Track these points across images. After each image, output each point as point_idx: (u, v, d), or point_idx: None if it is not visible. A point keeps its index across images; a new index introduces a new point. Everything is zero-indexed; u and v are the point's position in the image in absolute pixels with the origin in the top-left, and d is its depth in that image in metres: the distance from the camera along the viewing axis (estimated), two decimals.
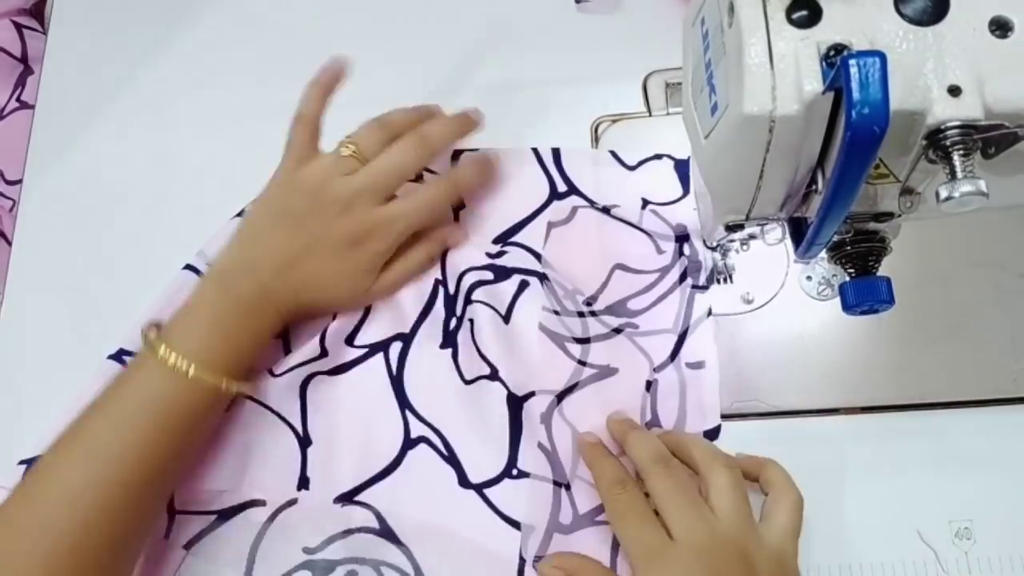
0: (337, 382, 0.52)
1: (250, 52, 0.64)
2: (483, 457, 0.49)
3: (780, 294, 0.53)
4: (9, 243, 0.62)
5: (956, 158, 0.31)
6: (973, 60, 0.32)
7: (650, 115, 0.58)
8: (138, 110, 0.64)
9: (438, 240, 0.54)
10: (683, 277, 0.53)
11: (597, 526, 0.48)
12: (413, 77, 0.62)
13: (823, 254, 0.41)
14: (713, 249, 0.53)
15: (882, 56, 0.28)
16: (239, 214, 0.57)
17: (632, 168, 0.56)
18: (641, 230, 0.54)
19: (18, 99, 0.70)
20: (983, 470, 0.49)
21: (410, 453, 0.50)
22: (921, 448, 0.49)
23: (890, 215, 0.38)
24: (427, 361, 0.52)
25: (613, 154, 0.56)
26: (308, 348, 0.52)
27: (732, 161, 0.36)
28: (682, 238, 0.54)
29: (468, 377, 0.51)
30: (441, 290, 0.54)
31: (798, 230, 0.41)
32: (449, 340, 0.52)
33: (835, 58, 0.31)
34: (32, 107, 0.65)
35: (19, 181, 0.63)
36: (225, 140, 0.62)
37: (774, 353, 0.52)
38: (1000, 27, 0.32)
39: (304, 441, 0.51)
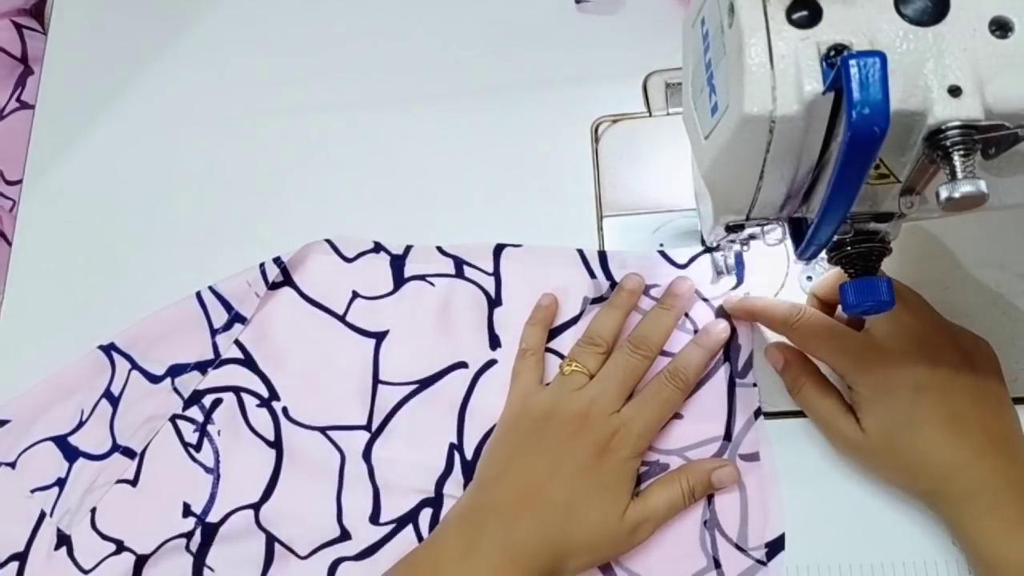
0: (365, 567, 0.50)
1: (250, 52, 0.64)
2: None
3: (780, 294, 0.53)
4: (9, 243, 0.62)
5: (956, 158, 0.31)
6: (973, 60, 0.32)
7: (650, 115, 0.58)
8: (138, 110, 0.64)
9: (700, 475, 0.48)
10: (724, 359, 0.51)
11: None
12: (413, 77, 0.62)
13: (823, 254, 0.41)
14: (714, 249, 0.53)
15: (882, 56, 0.28)
16: (261, 265, 0.56)
17: (683, 267, 0.53)
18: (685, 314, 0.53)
19: (18, 99, 0.70)
20: None
21: None
22: None
23: (890, 215, 0.38)
24: None
25: (662, 254, 0.54)
26: (325, 527, 0.51)
27: (732, 161, 0.36)
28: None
29: None
30: (457, 456, 0.52)
31: (798, 230, 0.41)
32: None
33: (835, 58, 0.31)
34: (32, 107, 0.65)
35: (19, 181, 0.63)
36: (225, 140, 0.62)
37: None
38: (1000, 27, 0.32)
39: None
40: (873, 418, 0.45)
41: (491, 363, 0.53)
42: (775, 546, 0.48)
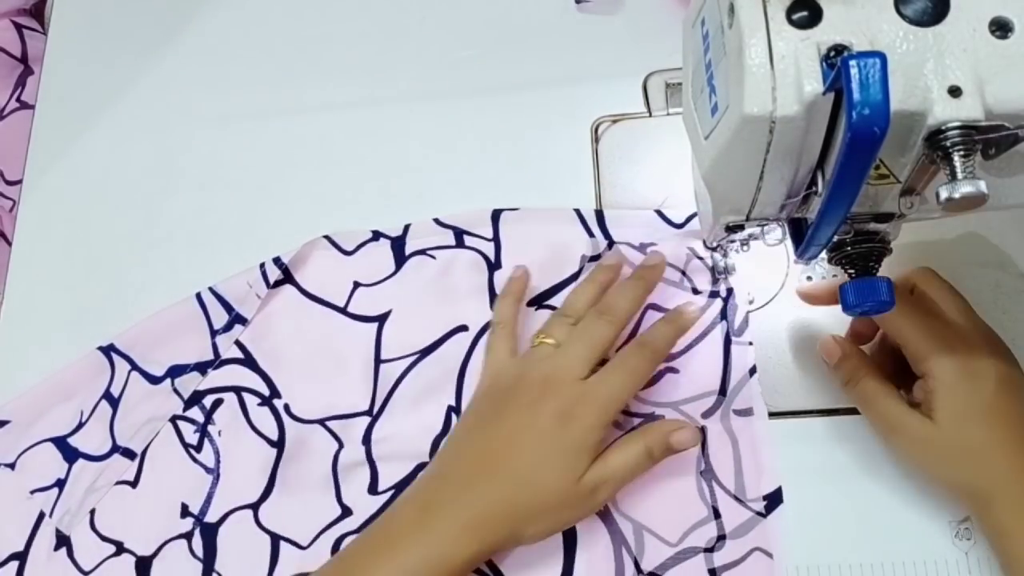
0: None
1: (250, 52, 0.64)
2: None
3: (780, 294, 0.53)
4: (9, 243, 0.62)
5: (956, 159, 0.31)
6: (973, 61, 0.32)
7: (650, 115, 0.58)
8: (138, 110, 0.64)
9: (659, 436, 0.47)
10: (720, 318, 0.52)
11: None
12: (413, 77, 0.62)
13: (823, 255, 0.41)
14: (713, 249, 0.53)
15: (882, 57, 0.28)
16: (262, 266, 0.56)
17: (679, 226, 0.54)
18: (678, 269, 0.53)
19: (18, 99, 0.71)
20: None
21: None
22: None
23: (890, 215, 0.38)
24: None
25: (659, 213, 0.55)
26: (326, 511, 0.51)
27: (732, 162, 0.36)
28: (726, 288, 0.53)
29: None
30: (454, 418, 0.52)
31: (798, 231, 0.41)
32: None
33: (835, 59, 0.31)
34: (32, 107, 0.65)
35: (19, 181, 0.63)
36: (225, 140, 0.62)
37: (775, 353, 0.52)
38: (1000, 27, 0.32)
39: None
40: (950, 407, 0.43)
41: (491, 324, 0.54)
42: (774, 499, 0.48)
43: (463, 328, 0.54)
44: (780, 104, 0.32)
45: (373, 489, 0.52)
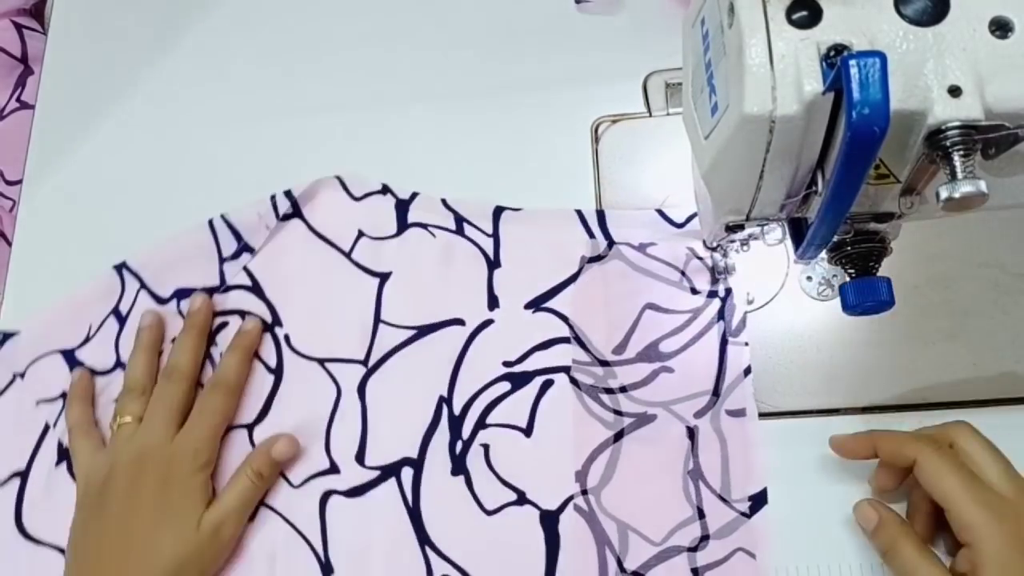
0: (355, 507, 0.51)
1: (250, 52, 0.64)
2: None
3: (780, 294, 0.53)
4: (9, 243, 0.62)
5: (956, 158, 0.31)
6: (973, 60, 0.32)
7: (650, 115, 0.58)
8: (138, 110, 0.64)
9: (261, 457, 0.50)
10: (718, 318, 0.52)
11: None
12: (413, 77, 0.62)
13: (823, 254, 0.41)
14: (713, 249, 0.53)
15: (882, 56, 0.28)
16: (272, 197, 0.57)
17: (680, 226, 0.54)
18: (678, 269, 0.53)
19: (18, 99, 0.71)
20: None
21: None
22: None
23: (890, 215, 0.38)
24: (440, 491, 0.51)
25: (661, 213, 0.55)
26: (315, 457, 0.52)
27: (732, 161, 0.36)
28: (725, 289, 0.53)
29: (490, 507, 0.50)
30: (445, 409, 0.52)
31: (798, 231, 0.41)
32: (459, 467, 0.51)
33: (835, 58, 0.31)
34: (32, 107, 0.65)
35: (19, 181, 0.63)
36: (225, 140, 0.62)
37: (774, 353, 0.52)
38: (1000, 27, 0.32)
39: (326, 568, 0.50)
40: None
41: (488, 323, 0.54)
42: (758, 500, 0.49)
43: (460, 322, 0.54)
44: (780, 104, 0.32)
45: (360, 459, 0.52)
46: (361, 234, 0.57)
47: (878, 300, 0.39)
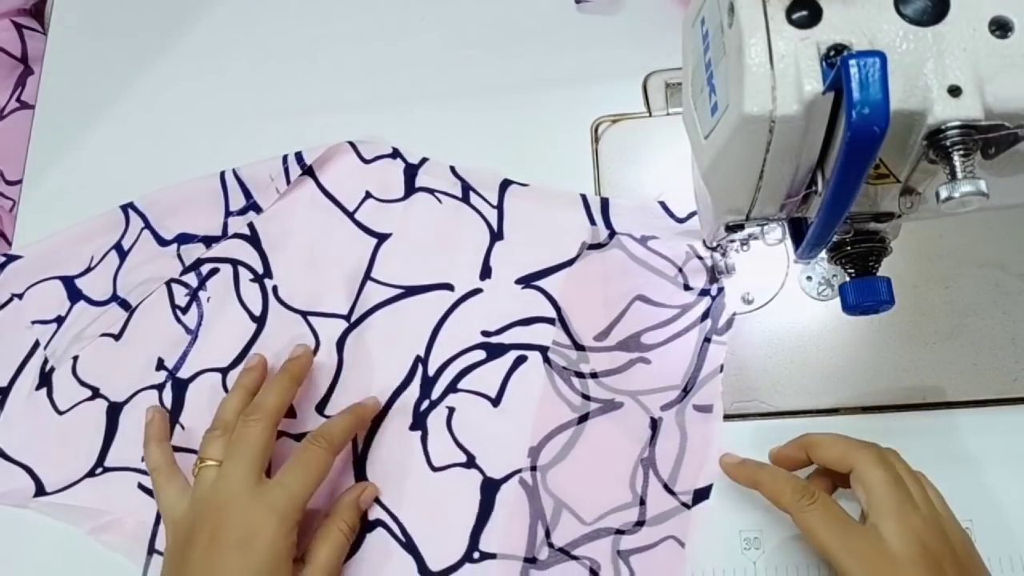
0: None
1: (250, 52, 0.64)
2: (443, 544, 0.49)
3: (780, 294, 0.53)
4: (9, 243, 0.62)
5: (956, 158, 0.31)
6: (973, 60, 0.32)
7: (650, 115, 0.58)
8: (138, 110, 0.64)
9: (348, 511, 0.49)
10: (704, 317, 0.52)
11: None
12: (413, 77, 0.62)
13: (823, 254, 0.41)
14: (713, 249, 0.53)
15: (882, 56, 0.28)
16: (284, 159, 0.58)
17: (682, 220, 0.54)
18: (675, 265, 0.54)
19: (18, 99, 0.70)
20: (983, 470, 0.49)
21: (368, 536, 0.50)
22: (921, 448, 0.49)
23: (890, 215, 0.38)
24: (392, 441, 0.52)
25: (663, 205, 0.55)
26: None
27: (732, 161, 0.36)
28: (718, 288, 0.53)
29: (437, 464, 0.51)
30: (420, 369, 0.53)
31: (798, 230, 0.41)
32: (419, 423, 0.52)
33: (835, 58, 0.31)
34: (32, 107, 0.65)
35: (19, 181, 0.63)
36: (225, 140, 0.62)
37: (774, 353, 0.52)
38: (1000, 27, 0.32)
39: None
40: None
41: (476, 291, 0.55)
42: (701, 494, 0.49)
43: (449, 287, 0.55)
44: (780, 104, 0.32)
45: (320, 409, 0.53)
46: (368, 195, 0.58)
47: (878, 300, 0.39)
